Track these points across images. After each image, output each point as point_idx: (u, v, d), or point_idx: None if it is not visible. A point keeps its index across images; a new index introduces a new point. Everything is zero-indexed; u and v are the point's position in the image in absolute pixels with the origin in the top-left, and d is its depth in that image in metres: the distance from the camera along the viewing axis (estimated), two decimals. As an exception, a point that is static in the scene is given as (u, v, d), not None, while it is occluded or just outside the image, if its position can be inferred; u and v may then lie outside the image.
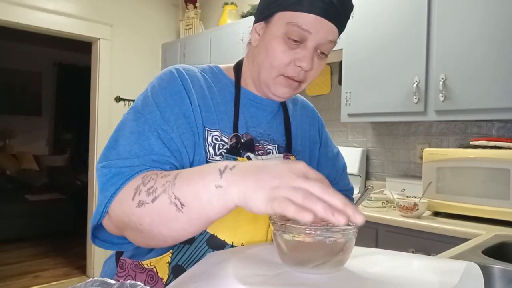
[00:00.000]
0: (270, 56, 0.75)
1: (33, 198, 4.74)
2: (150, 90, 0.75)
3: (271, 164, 0.55)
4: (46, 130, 6.15)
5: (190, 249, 0.72)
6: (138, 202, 0.60)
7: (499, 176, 1.58)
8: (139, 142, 0.67)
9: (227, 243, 0.73)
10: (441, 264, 0.59)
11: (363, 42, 2.13)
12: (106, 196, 0.64)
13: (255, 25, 0.80)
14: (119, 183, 0.64)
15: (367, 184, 2.49)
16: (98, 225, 0.68)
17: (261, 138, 0.82)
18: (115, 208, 0.63)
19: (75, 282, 3.28)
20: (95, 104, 3.42)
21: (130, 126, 0.70)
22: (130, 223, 0.61)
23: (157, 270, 0.74)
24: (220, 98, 0.80)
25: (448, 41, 1.80)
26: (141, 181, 0.62)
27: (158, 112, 0.71)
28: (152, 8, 3.73)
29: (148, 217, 0.59)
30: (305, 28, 0.71)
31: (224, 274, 0.53)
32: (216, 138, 0.76)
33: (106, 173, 0.65)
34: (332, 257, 0.54)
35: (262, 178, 0.52)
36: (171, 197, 0.57)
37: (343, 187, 1.01)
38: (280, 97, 0.80)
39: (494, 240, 1.07)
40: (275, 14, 0.74)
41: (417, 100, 1.89)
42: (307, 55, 0.74)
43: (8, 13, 2.95)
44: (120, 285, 0.44)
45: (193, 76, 0.78)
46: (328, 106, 2.74)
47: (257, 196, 0.51)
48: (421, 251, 1.61)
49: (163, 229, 0.59)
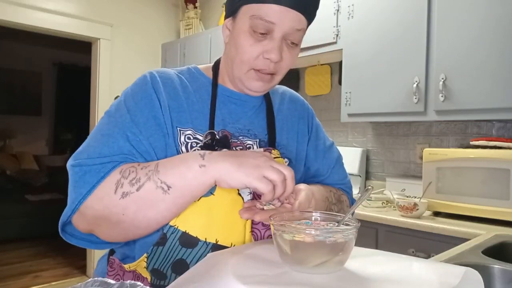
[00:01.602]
0: (239, 52, 0.75)
1: (33, 198, 4.74)
2: (124, 95, 0.78)
3: (246, 152, 0.68)
4: (46, 130, 6.15)
5: (163, 250, 0.71)
6: (121, 194, 0.65)
7: (499, 176, 1.58)
8: (109, 144, 0.70)
9: (200, 239, 0.71)
10: (441, 267, 0.59)
11: (363, 42, 2.13)
12: (80, 193, 0.67)
13: (225, 21, 0.80)
14: (93, 180, 0.67)
15: (367, 184, 2.49)
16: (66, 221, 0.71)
17: (240, 133, 0.82)
18: (92, 205, 0.66)
19: (75, 282, 3.28)
20: (95, 104, 3.42)
21: (101, 129, 0.73)
22: (111, 215, 0.65)
23: (139, 272, 0.74)
24: (196, 97, 0.80)
25: (448, 41, 1.80)
26: (120, 175, 0.66)
27: (128, 116, 0.73)
28: (152, 8, 3.73)
29: (133, 205, 0.65)
30: (268, 20, 0.71)
31: (224, 274, 0.53)
32: (189, 137, 0.76)
33: (77, 171, 0.68)
34: (332, 257, 0.55)
35: (241, 160, 0.64)
36: (157, 182, 0.65)
37: (338, 181, 0.96)
38: (254, 92, 0.80)
39: (494, 240, 1.07)
40: (240, 8, 0.74)
41: (417, 100, 1.89)
42: (275, 46, 0.73)
43: (8, 13, 2.95)
44: (120, 285, 0.44)
45: (166, 78, 0.79)
46: (328, 106, 2.74)
47: (238, 171, 0.63)
48: (421, 251, 1.61)
49: (149, 213, 0.65)
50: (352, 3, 2.18)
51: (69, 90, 6.11)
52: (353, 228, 0.56)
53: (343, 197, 0.95)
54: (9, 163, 5.30)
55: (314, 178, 0.93)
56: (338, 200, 0.91)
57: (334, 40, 2.26)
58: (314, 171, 0.94)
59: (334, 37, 2.26)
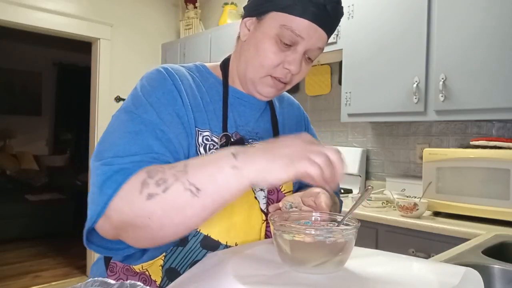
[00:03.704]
0: (260, 55, 0.74)
1: (33, 198, 4.74)
2: (140, 89, 0.72)
3: (279, 140, 0.60)
4: (46, 130, 6.15)
5: (183, 251, 0.71)
6: (147, 195, 0.58)
7: (499, 176, 1.58)
8: (138, 142, 0.64)
9: (221, 243, 0.72)
10: (441, 267, 0.59)
11: (363, 42, 2.13)
12: (106, 193, 0.60)
13: (245, 20, 0.79)
14: (121, 180, 0.60)
15: (367, 184, 2.49)
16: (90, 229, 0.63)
17: (250, 137, 0.82)
18: (118, 207, 0.60)
19: (75, 282, 3.28)
20: (95, 104, 3.42)
21: (125, 126, 0.67)
22: (136, 219, 0.59)
23: (150, 274, 0.73)
24: (209, 97, 0.78)
25: (448, 41, 1.80)
26: (146, 175, 0.60)
27: (154, 112, 0.68)
28: (152, 8, 3.73)
29: (159, 209, 0.58)
30: (298, 34, 0.71)
31: (224, 274, 0.53)
32: (207, 138, 0.74)
33: (106, 171, 0.61)
34: (332, 257, 0.54)
35: (275, 152, 0.57)
36: (185, 184, 0.57)
37: None
38: (265, 97, 0.80)
39: (494, 240, 1.07)
40: (269, 13, 0.73)
41: (417, 100, 1.89)
42: (297, 59, 0.74)
43: (8, 13, 2.95)
44: (120, 285, 0.44)
45: (182, 75, 0.76)
46: (328, 106, 2.74)
47: (274, 166, 0.55)
48: (421, 251, 1.61)
49: (176, 218, 0.58)
50: (352, 3, 2.18)
51: (69, 90, 6.11)
52: (353, 228, 0.56)
53: (336, 198, 0.98)
54: (9, 163, 5.30)
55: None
56: (334, 201, 0.93)
57: (334, 40, 2.26)
58: None
59: (334, 37, 2.26)
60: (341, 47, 2.24)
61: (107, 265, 0.78)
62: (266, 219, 0.77)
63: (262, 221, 0.76)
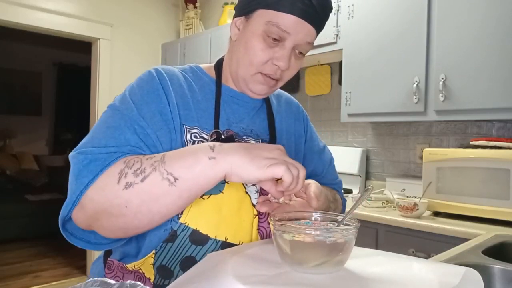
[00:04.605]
0: (250, 53, 0.75)
1: (33, 198, 4.74)
2: (128, 90, 0.76)
3: (262, 145, 0.65)
4: (46, 130, 6.15)
5: (172, 247, 0.72)
6: (125, 184, 0.61)
7: (499, 176, 1.58)
8: (115, 136, 0.67)
9: (210, 237, 0.72)
10: (441, 267, 0.59)
11: (363, 42, 2.13)
12: (83, 182, 0.63)
13: (235, 19, 0.80)
14: (97, 169, 0.63)
15: (367, 184, 2.49)
16: (67, 218, 0.66)
17: (244, 133, 0.83)
18: (93, 195, 0.62)
19: (75, 282, 3.28)
20: (95, 104, 3.42)
21: (106, 121, 0.71)
22: (112, 208, 0.61)
23: (143, 271, 0.74)
24: (201, 96, 0.80)
25: (448, 41, 1.80)
26: (124, 165, 0.63)
27: (135, 108, 0.71)
28: (152, 8, 3.73)
29: (136, 197, 0.61)
30: (284, 29, 0.72)
31: (224, 274, 0.53)
32: (195, 135, 0.76)
33: (81, 159, 0.64)
34: (332, 257, 0.54)
35: (256, 153, 0.61)
36: (163, 173, 0.61)
37: (331, 181, 1.01)
38: (257, 94, 0.81)
39: (494, 240, 1.07)
40: (256, 10, 0.74)
41: (417, 100, 1.89)
42: (285, 54, 0.74)
43: (8, 13, 2.95)
44: (120, 285, 0.44)
45: (172, 75, 0.79)
46: (328, 106, 2.74)
47: (250, 164, 0.59)
48: (421, 251, 1.61)
49: (153, 206, 0.61)
50: (352, 3, 2.18)
51: (69, 90, 6.11)
52: (353, 228, 0.56)
53: (337, 196, 0.99)
54: (9, 163, 5.30)
55: (309, 178, 0.95)
56: (334, 198, 0.94)
57: (334, 40, 2.26)
58: (310, 172, 0.96)
59: (334, 37, 2.26)
60: (341, 47, 2.24)
61: (105, 263, 0.80)
62: (258, 213, 0.77)
63: (254, 215, 0.76)
